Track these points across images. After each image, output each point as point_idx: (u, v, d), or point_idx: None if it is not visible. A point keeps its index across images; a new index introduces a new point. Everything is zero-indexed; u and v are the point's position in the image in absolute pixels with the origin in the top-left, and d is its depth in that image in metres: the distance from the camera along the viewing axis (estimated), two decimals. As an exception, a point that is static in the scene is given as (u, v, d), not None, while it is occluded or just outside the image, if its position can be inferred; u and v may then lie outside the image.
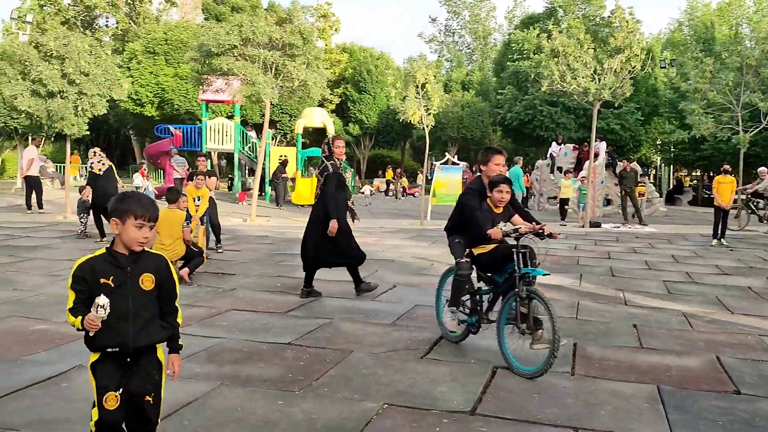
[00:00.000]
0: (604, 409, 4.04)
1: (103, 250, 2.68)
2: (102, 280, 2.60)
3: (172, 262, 7.70)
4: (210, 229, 10.23)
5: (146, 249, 2.74)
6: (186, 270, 7.76)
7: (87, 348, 2.70)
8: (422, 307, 6.80)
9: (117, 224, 2.65)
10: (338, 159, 7.11)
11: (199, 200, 9.62)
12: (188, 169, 22.46)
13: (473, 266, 5.18)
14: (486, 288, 5.25)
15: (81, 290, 2.60)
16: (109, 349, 2.65)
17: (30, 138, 21.81)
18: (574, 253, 11.66)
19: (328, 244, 6.97)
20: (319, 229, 6.96)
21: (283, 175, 21.40)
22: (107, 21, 46.28)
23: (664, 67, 34.49)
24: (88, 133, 17.33)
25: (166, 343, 2.82)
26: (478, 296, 5.21)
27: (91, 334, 2.60)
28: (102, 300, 2.53)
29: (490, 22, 55.18)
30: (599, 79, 15.93)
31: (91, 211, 12.02)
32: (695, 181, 38.44)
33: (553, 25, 18.25)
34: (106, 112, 16.65)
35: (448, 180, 18.22)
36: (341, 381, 4.40)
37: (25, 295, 6.85)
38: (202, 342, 5.19)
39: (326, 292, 7.40)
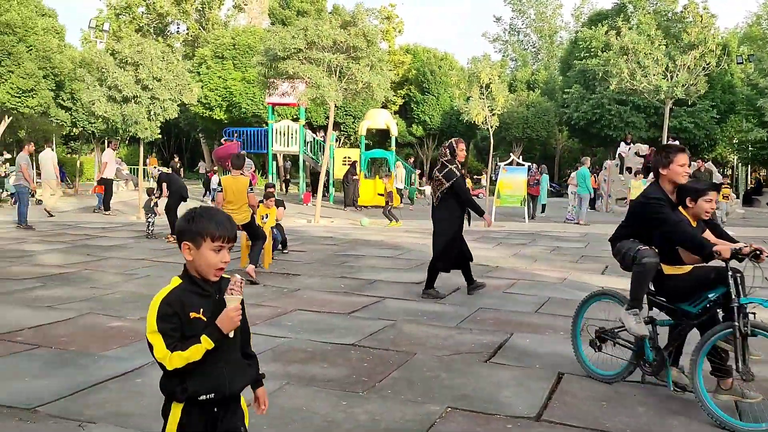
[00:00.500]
0: (677, 419, 3.89)
1: (178, 280, 2.20)
2: (192, 315, 2.13)
3: (239, 227, 8.06)
4: (276, 239, 10.39)
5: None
6: (251, 267, 8.00)
7: (169, 398, 2.16)
8: (486, 310, 6.72)
9: (190, 249, 2.18)
10: (459, 162, 7.33)
11: (266, 217, 9.81)
12: (254, 171, 23.00)
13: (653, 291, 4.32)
14: (665, 320, 4.32)
15: (173, 329, 2.10)
16: (202, 397, 2.14)
17: (107, 141, 22.76)
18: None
19: (455, 246, 7.26)
20: (451, 231, 7.21)
21: (354, 177, 21.53)
22: (178, 27, 47.90)
23: (741, 63, 32.99)
24: (159, 136, 17.95)
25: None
26: (651, 326, 4.30)
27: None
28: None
29: (556, 19, 54.16)
30: (671, 77, 15.40)
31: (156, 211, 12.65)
32: (775, 181, 36.63)
33: (622, 21, 17.74)
34: (177, 116, 17.24)
35: (513, 181, 17.97)
36: (404, 383, 4.40)
37: (102, 292, 7.15)
38: (267, 341, 5.29)
39: (389, 293, 7.42)
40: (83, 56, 26.57)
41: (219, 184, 8.48)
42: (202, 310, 2.16)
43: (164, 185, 12.52)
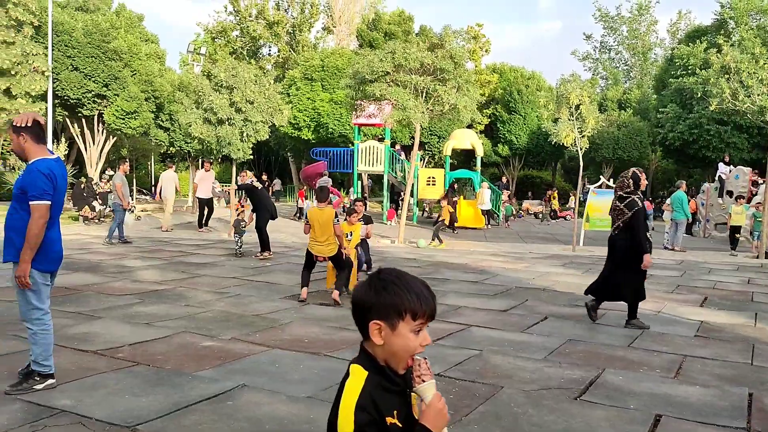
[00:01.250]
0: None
1: (362, 372, 1.71)
2: (389, 420, 1.68)
3: (324, 258, 8.18)
4: (360, 259, 10.46)
5: None
6: (336, 293, 8.10)
7: None
8: (576, 342, 6.50)
9: (381, 330, 1.70)
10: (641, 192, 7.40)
11: (350, 235, 9.90)
12: (331, 187, 23.43)
13: None
14: None
15: None
16: None
17: (200, 162, 23.77)
18: (747, 288, 10.64)
19: (618, 277, 7.28)
20: (625, 261, 7.19)
21: (454, 199, 21.11)
22: (270, 50, 49.68)
23: None
24: (251, 156, 18.59)
25: None
26: None
27: None
28: None
29: (650, 36, 52.40)
30: (777, 97, 14.54)
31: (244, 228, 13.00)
32: None
33: (723, 38, 16.93)
34: (267, 137, 17.82)
35: (603, 204, 17.36)
36: (491, 418, 4.30)
37: (195, 311, 7.41)
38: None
39: (475, 321, 7.31)
40: (181, 79, 27.98)
41: (305, 215, 8.60)
42: (396, 412, 1.70)
43: (246, 199, 13.00)
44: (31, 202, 4.25)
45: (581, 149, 15.30)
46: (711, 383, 5.27)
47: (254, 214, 13.01)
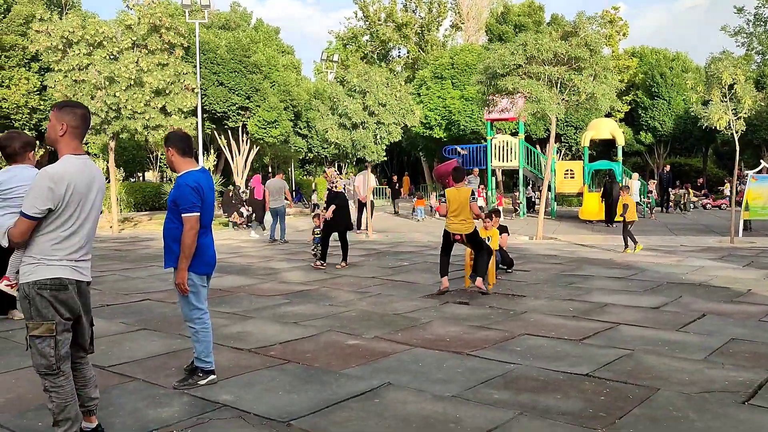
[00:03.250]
0: None
1: None
2: None
3: (462, 237, 8.27)
4: (498, 261, 10.31)
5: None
6: (480, 280, 8.17)
7: None
8: (740, 341, 5.99)
9: None
10: None
11: (488, 240, 9.80)
12: (482, 188, 23.27)
13: None
14: None
15: None
16: None
17: (336, 165, 24.54)
18: None
19: None
20: None
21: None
22: (399, 52, 50.36)
23: None
24: (385, 158, 18.92)
25: None
26: None
27: None
28: None
29: (812, 2, 47.25)
30: None
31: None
32: None
33: None
34: (400, 138, 18.05)
35: (764, 191, 15.96)
36: (648, 422, 4.06)
37: (339, 310, 7.65)
38: (498, 367, 5.24)
39: (623, 319, 6.96)
40: (316, 87, 29.10)
41: (443, 195, 8.87)
42: None
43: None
44: (182, 215, 4.60)
45: (737, 132, 14.09)
46: None
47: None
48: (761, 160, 18.98)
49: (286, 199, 16.38)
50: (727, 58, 14.13)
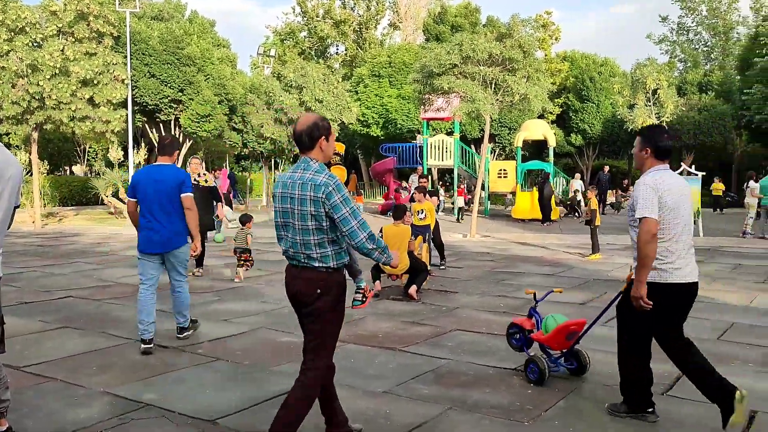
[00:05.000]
0: None
1: None
2: None
3: (397, 276, 8.16)
4: (432, 246, 10.45)
5: None
6: (414, 287, 8.05)
7: None
8: (660, 335, 6.22)
9: None
10: None
11: (422, 213, 9.87)
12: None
13: None
14: None
15: None
16: None
17: (273, 161, 24.18)
18: None
19: None
20: None
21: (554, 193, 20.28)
22: (337, 49, 50.18)
23: None
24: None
25: None
26: None
27: None
28: None
29: (731, 15, 49.81)
30: None
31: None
32: None
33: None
34: (337, 135, 17.99)
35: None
36: (573, 413, 4.17)
37: (272, 307, 7.54)
38: (429, 362, 5.27)
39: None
40: (252, 82, 28.65)
41: (381, 231, 8.47)
42: None
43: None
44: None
45: (660, 135, 14.67)
46: (812, 378, 4.94)
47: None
48: (682, 163, 19.85)
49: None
50: (651, 64, 14.73)
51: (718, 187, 26.22)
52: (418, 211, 9.91)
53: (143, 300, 5.55)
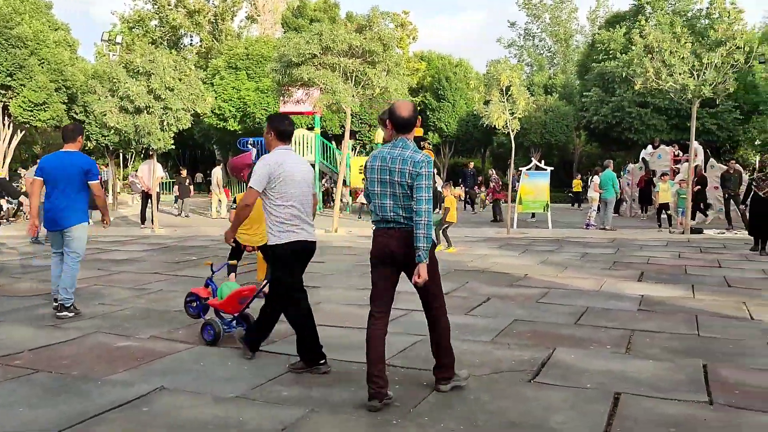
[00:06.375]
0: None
1: None
2: None
3: (253, 248, 7.52)
4: None
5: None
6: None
7: None
8: (522, 322, 6.22)
9: None
10: None
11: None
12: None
13: None
14: None
15: None
16: None
17: (121, 155, 22.48)
18: (680, 261, 10.74)
19: None
20: None
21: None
22: (191, 40, 47.95)
23: (764, 63, 32.23)
24: (173, 147, 17.58)
25: None
26: None
27: None
28: None
29: (571, 23, 53.53)
30: (698, 75, 14.80)
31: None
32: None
33: (639, 23, 17.10)
34: (190, 125, 16.90)
35: (535, 186, 17.41)
36: (443, 408, 3.92)
37: (112, 309, 6.73)
38: (288, 361, 4.83)
39: (417, 306, 6.91)
40: (95, 68, 26.46)
41: (234, 201, 7.95)
42: None
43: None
44: None
45: (513, 131, 15.17)
46: (663, 356, 5.08)
47: None
48: (531, 158, 20.81)
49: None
50: (505, 62, 15.18)
51: (578, 183, 28.30)
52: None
53: (52, 267, 6.60)
